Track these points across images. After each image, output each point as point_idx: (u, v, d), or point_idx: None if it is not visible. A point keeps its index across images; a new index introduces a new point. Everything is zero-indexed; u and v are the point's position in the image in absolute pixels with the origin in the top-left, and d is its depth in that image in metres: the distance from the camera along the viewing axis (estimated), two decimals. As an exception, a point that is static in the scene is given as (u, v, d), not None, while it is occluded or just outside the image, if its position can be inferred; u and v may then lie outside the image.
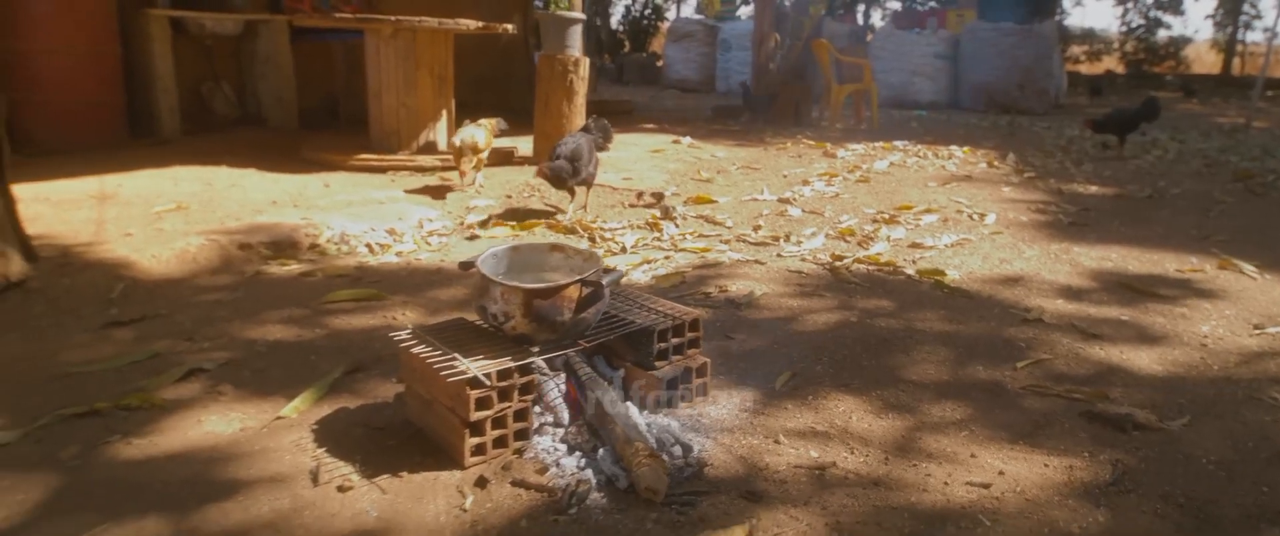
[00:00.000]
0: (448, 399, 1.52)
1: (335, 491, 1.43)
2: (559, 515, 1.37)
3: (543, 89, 4.84)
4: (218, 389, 1.81)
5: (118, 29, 5.09)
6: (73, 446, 1.56)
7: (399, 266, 2.81)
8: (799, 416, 1.76)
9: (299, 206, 3.41)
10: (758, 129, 6.90)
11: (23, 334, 2.12)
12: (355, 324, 2.24)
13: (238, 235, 2.90)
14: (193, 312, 2.30)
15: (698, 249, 3.08)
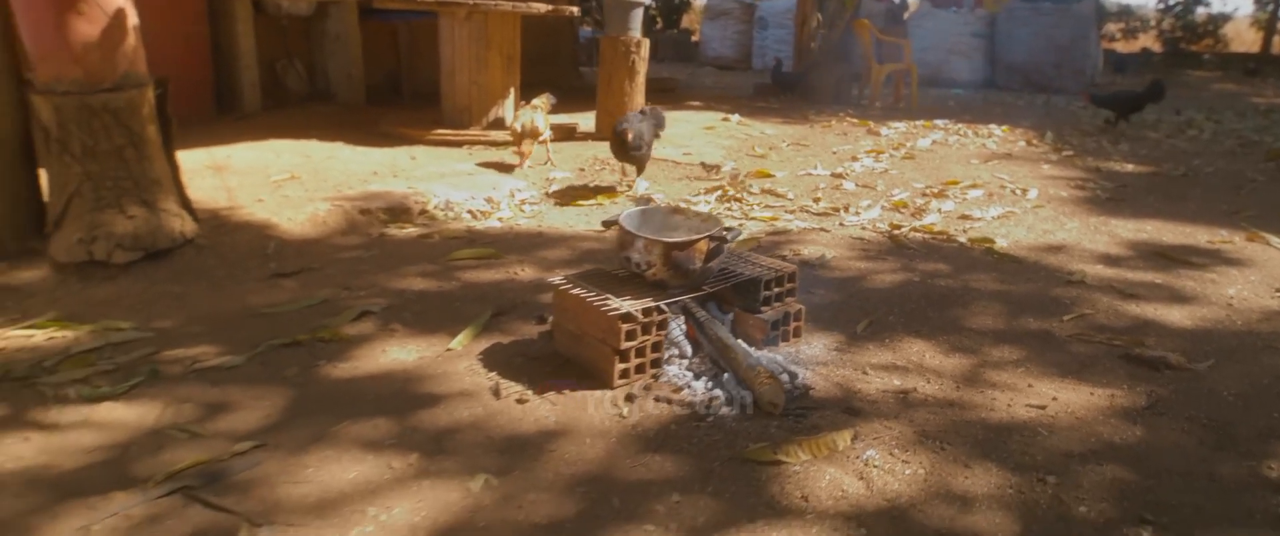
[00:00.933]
0: (599, 331, 1.86)
1: (515, 403, 1.78)
2: (699, 421, 1.72)
3: (606, 69, 5.16)
4: (389, 327, 2.17)
5: (206, 11, 5.45)
6: (292, 368, 1.92)
7: (503, 231, 3.15)
8: (879, 355, 2.09)
9: (398, 177, 3.77)
10: (800, 107, 7.16)
11: (209, 282, 2.49)
12: (483, 278, 2.59)
13: (357, 201, 3.26)
14: (340, 267, 2.66)
15: (767, 218, 3.39)
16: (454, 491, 1.45)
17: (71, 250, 2.47)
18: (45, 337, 2.06)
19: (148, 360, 1.94)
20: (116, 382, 1.81)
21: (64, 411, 1.69)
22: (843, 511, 1.43)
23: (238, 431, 1.64)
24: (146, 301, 2.33)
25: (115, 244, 2.48)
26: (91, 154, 2.51)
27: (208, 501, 1.39)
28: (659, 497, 1.45)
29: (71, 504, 1.39)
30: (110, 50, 2.54)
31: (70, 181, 2.52)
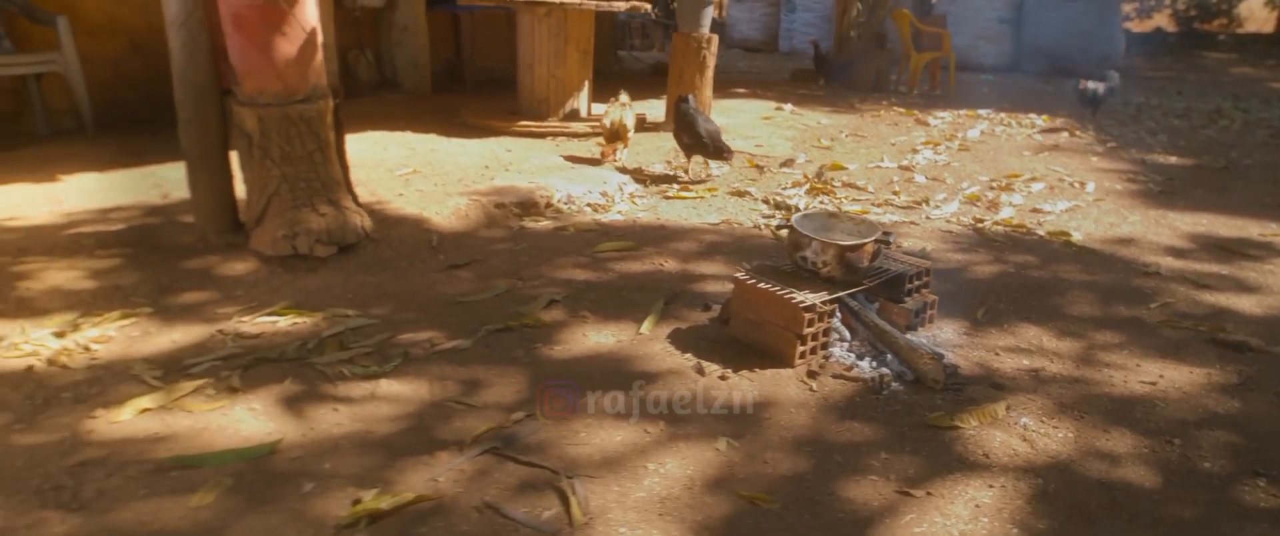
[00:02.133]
0: (782, 319, 2.20)
1: (718, 379, 2.13)
2: (876, 394, 2.07)
3: (677, 63, 5.46)
4: (579, 314, 2.51)
5: (295, 6, 5.73)
6: (517, 350, 2.27)
7: (626, 223, 3.48)
8: (1002, 338, 2.44)
9: (510, 170, 4.09)
10: (844, 95, 7.46)
11: (394, 272, 2.83)
12: (632, 268, 2.93)
13: (490, 196, 3.58)
14: (500, 258, 3.00)
15: (858, 212, 3.73)
16: (706, 451, 1.80)
17: (277, 244, 2.81)
18: (289, 323, 2.40)
19: (389, 343, 2.28)
20: (378, 363, 2.15)
21: (351, 387, 2.04)
22: (1018, 465, 1.79)
23: (502, 403, 1.99)
24: (351, 290, 2.67)
25: (315, 239, 2.82)
26: (288, 158, 2.83)
27: (519, 459, 1.74)
28: (870, 454, 1.81)
29: (407, 461, 1.74)
30: (305, 66, 2.85)
31: (269, 183, 2.84)
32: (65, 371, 2.09)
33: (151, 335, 2.31)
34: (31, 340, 2.23)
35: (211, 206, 2.94)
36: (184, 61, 2.77)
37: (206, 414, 1.90)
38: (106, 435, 1.81)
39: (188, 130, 2.84)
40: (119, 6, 5.11)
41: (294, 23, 2.75)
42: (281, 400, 1.97)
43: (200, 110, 2.83)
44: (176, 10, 2.71)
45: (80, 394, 1.98)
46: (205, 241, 2.93)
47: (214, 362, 2.14)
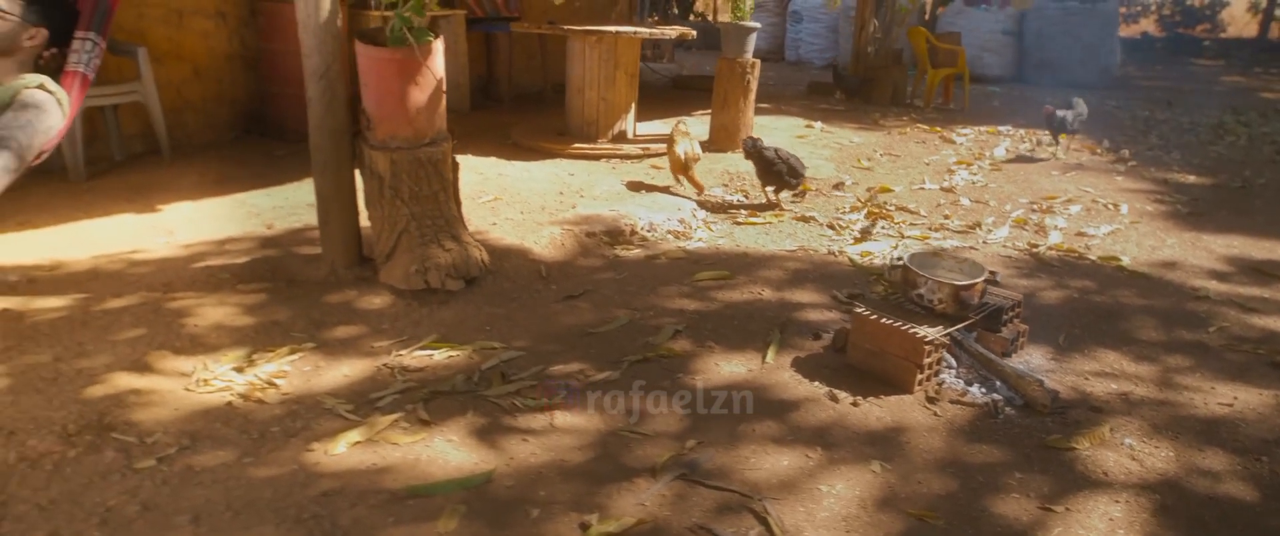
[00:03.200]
0: (902, 350, 2.46)
1: (851, 405, 2.39)
2: (992, 418, 2.34)
3: (722, 87, 5.71)
4: (705, 344, 2.76)
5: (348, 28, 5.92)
6: (662, 380, 2.51)
7: (710, 251, 3.73)
8: (1086, 363, 2.72)
9: (583, 196, 4.32)
10: (864, 110, 7.75)
11: (519, 304, 3.06)
12: (734, 298, 3.18)
13: (578, 225, 3.82)
14: (609, 289, 3.24)
15: (919, 236, 4.00)
16: (865, 473, 2.06)
17: (409, 279, 3.03)
18: (444, 356, 2.62)
19: (543, 375, 2.52)
20: (541, 395, 2.39)
21: (530, 419, 2.27)
22: (1135, 483, 2.06)
23: (669, 431, 2.23)
24: (485, 322, 2.90)
25: (445, 274, 3.04)
26: (416, 197, 3.05)
27: (709, 484, 1.99)
28: (1005, 474, 2.07)
29: (609, 487, 1.98)
30: (433, 112, 3.07)
31: (399, 221, 3.06)
32: (262, 406, 2.30)
33: (322, 369, 2.52)
34: (217, 375, 2.44)
35: (341, 242, 3.15)
36: (322, 109, 2.98)
37: (412, 446, 2.13)
38: (331, 467, 2.03)
39: (323, 172, 3.05)
40: (182, 34, 5.28)
41: (427, 73, 2.97)
42: (473, 432, 2.20)
43: (335, 154, 3.04)
44: (317, 62, 2.93)
45: (287, 428, 2.20)
46: (336, 275, 3.14)
47: (395, 396, 2.36)
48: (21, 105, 2.02)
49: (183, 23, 5.26)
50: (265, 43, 5.59)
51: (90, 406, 2.22)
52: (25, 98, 2.05)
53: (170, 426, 2.17)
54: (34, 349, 2.53)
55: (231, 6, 5.51)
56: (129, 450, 2.06)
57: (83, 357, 2.48)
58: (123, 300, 2.91)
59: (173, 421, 2.20)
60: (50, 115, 2.08)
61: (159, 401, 2.29)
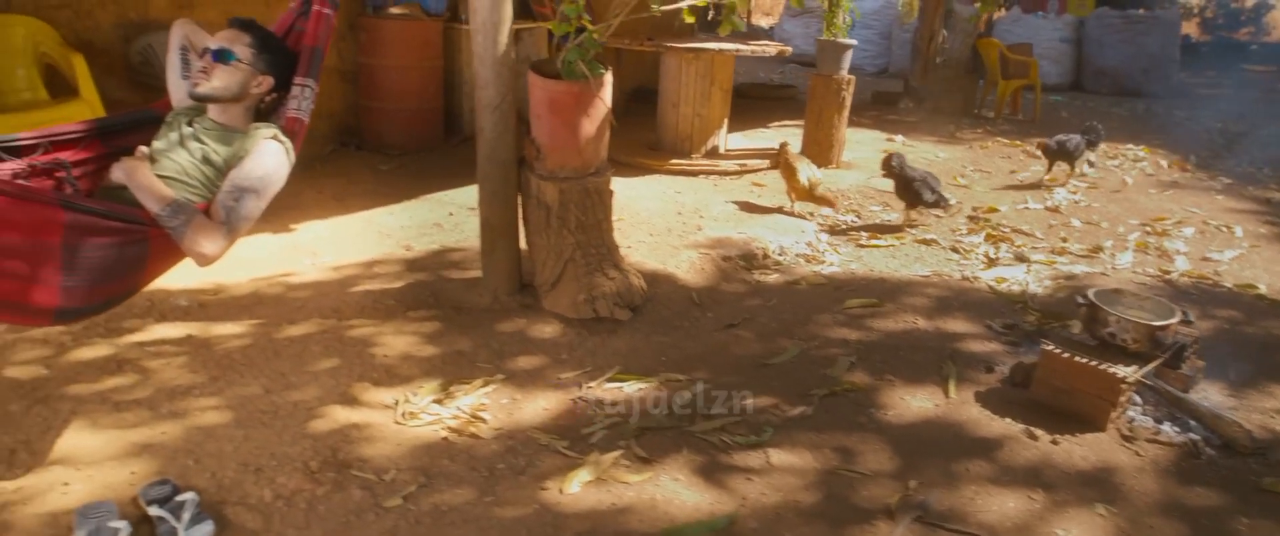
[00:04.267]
0: (1095, 388, 2.49)
1: (1050, 444, 2.42)
2: (1194, 458, 2.36)
3: (816, 103, 5.74)
4: (883, 377, 2.80)
5: (443, 46, 5.98)
6: (856, 416, 2.55)
7: (846, 276, 3.76)
8: (1263, 399, 2.74)
9: (702, 217, 4.37)
10: (937, 122, 7.75)
11: (683, 333, 3.10)
12: (889, 326, 3.21)
13: (712, 249, 3.86)
14: (765, 316, 3.28)
15: (1045, 261, 4.02)
16: (1093, 516, 2.09)
17: (578, 308, 3.08)
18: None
19: (738, 409, 2.56)
20: (751, 432, 2.43)
21: (745, 457, 2.32)
22: (1363, 530, 2.08)
23: (884, 470, 2.27)
24: (657, 351, 2.94)
25: (612, 303, 3.09)
26: (582, 226, 3.11)
27: (948, 526, 2.03)
28: (1232, 519, 2.10)
29: (851, 529, 2.02)
30: (600, 143, 3.12)
31: (565, 250, 3.11)
32: (479, 441, 2.36)
33: (520, 402, 2.58)
34: (421, 407, 2.50)
35: (505, 270, 3.21)
36: (493, 140, 3.04)
37: (642, 485, 2.18)
38: (573, 507, 2.08)
39: (492, 201, 3.11)
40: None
41: (599, 104, 3.02)
42: (695, 470, 2.25)
43: (504, 184, 3.10)
44: (492, 94, 2.98)
45: (512, 465, 2.25)
46: (499, 302, 3.20)
47: (604, 432, 2.41)
48: (258, 159, 2.08)
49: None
50: (365, 57, 5.65)
51: (321, 442, 2.29)
52: (262, 149, 2.11)
53: (400, 462, 2.23)
54: (240, 380, 2.60)
55: (332, 22, 5.56)
56: (372, 488, 2.12)
57: (292, 390, 2.55)
58: (301, 327, 2.97)
59: (400, 456, 2.26)
60: (281, 168, 2.13)
61: (378, 435, 2.35)
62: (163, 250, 1.92)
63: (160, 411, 2.40)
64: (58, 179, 2.03)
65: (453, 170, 5.18)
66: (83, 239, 1.73)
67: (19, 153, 1.98)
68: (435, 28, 5.87)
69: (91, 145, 2.13)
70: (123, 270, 1.83)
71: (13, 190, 1.62)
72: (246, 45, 2.19)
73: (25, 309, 1.71)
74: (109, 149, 2.16)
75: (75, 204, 1.73)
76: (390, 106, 5.72)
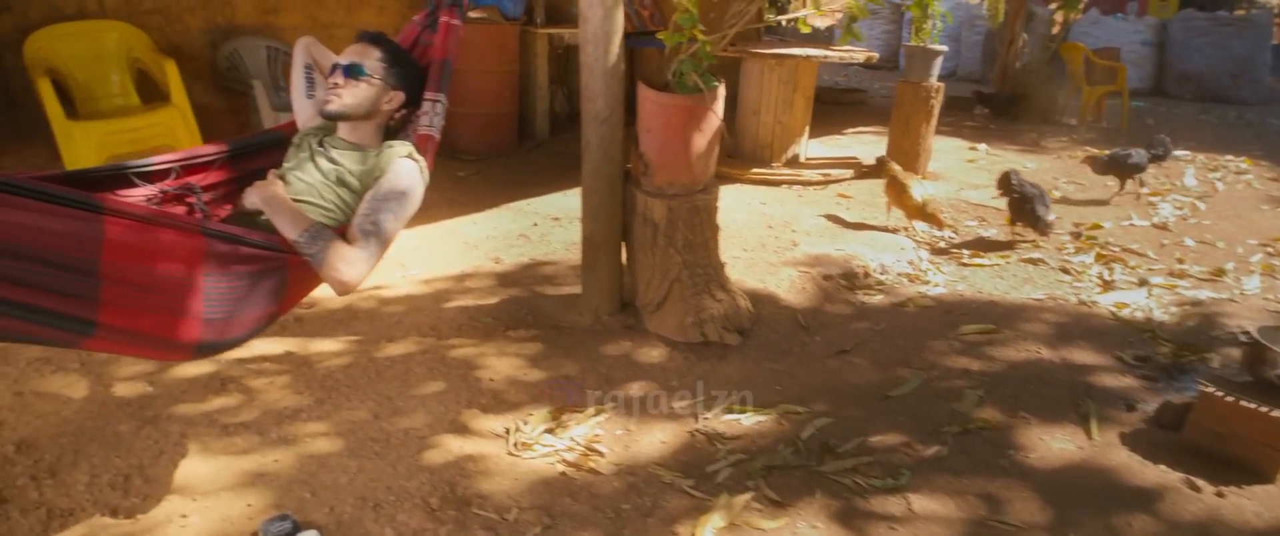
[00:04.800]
0: (1261, 436, 2.29)
1: (1215, 496, 2.22)
2: (1385, 521, 2.15)
3: (903, 111, 5.53)
4: (1016, 414, 2.61)
5: (518, 49, 5.90)
6: (995, 458, 2.37)
7: (953, 297, 3.57)
8: None
9: (794, 231, 4.21)
10: (1018, 129, 7.46)
11: (795, 359, 2.95)
12: (1010, 355, 3.02)
13: (810, 267, 3.70)
14: (876, 342, 3.11)
15: (1166, 285, 3.78)
16: (1286, 587, 1.90)
17: (685, 330, 2.94)
18: (752, 421, 2.53)
19: (865, 448, 2.41)
20: (885, 474, 2.28)
21: (884, 503, 2.16)
22: None
23: (1035, 522, 2.10)
24: (770, 380, 2.80)
25: (722, 326, 2.95)
26: (689, 245, 2.97)
27: (1125, 594, 1.85)
28: None
29: (1015, 592, 1.86)
30: (709, 158, 2.99)
31: (671, 269, 2.98)
32: (598, 477, 2.24)
33: (635, 434, 2.45)
34: (533, 437, 2.39)
35: (607, 289, 3.09)
36: (600, 155, 2.92)
37: (777, 532, 2.04)
38: (710, 555, 1.95)
39: (596, 217, 2.99)
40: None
41: (711, 118, 2.88)
42: (832, 516, 2.10)
43: (610, 200, 2.98)
44: (601, 107, 2.86)
45: (638, 506, 2.13)
46: (600, 322, 3.08)
47: (729, 470, 2.28)
48: (394, 180, 1.97)
49: (366, 42, 5.28)
50: (440, 61, 5.58)
51: (437, 475, 2.19)
52: (398, 168, 2.01)
53: (520, 499, 2.13)
54: (346, 403, 2.52)
55: (409, 25, 5.51)
56: (496, 529, 2.01)
57: (400, 415, 2.46)
58: (400, 345, 2.89)
59: (520, 493, 2.15)
60: (417, 188, 2.03)
61: (494, 469, 2.25)
62: (300, 278, 1.83)
63: (269, 436, 2.33)
64: (189, 204, 1.95)
65: (530, 177, 5.09)
66: (223, 268, 1.64)
67: (150, 178, 1.91)
68: (512, 32, 5.78)
69: (222, 169, 2.05)
70: (261, 299, 1.74)
71: (155, 217, 1.53)
72: (377, 59, 2.09)
73: (167, 344, 1.63)
74: (239, 173, 2.09)
75: (215, 230, 1.64)
76: (467, 111, 5.64)
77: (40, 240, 1.38)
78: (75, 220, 1.41)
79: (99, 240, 1.44)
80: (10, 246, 1.35)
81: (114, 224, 1.48)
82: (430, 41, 2.32)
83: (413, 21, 2.39)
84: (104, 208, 1.44)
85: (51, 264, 1.40)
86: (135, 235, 1.50)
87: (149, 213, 1.51)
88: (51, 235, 1.40)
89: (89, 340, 1.56)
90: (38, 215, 1.38)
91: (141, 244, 1.51)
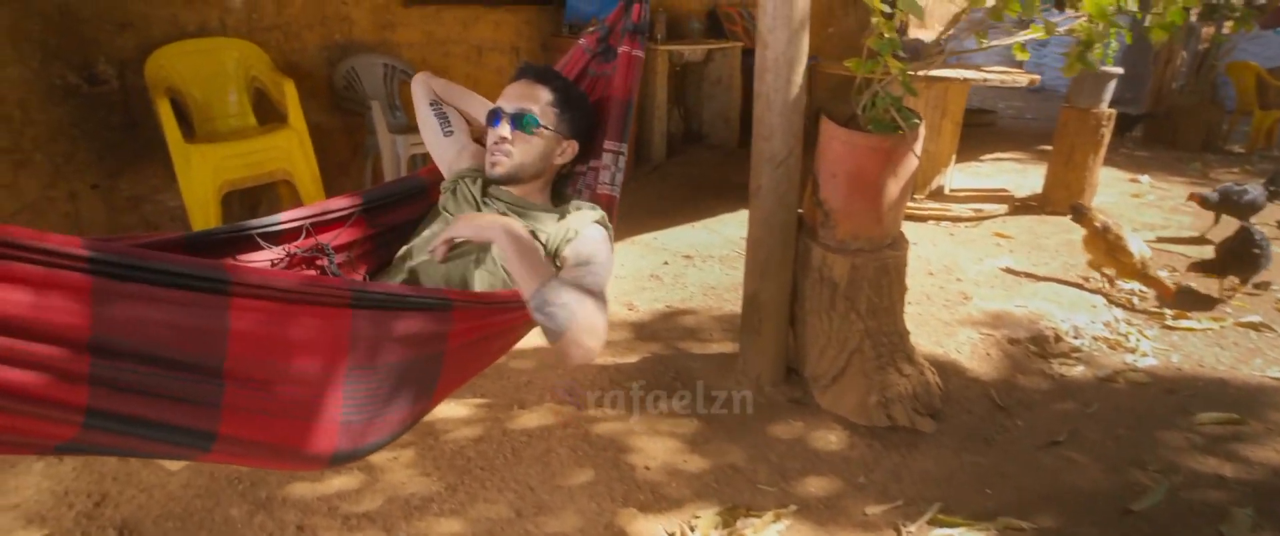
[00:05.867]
0: None
1: None
2: None
3: (1067, 140, 4.92)
4: (1312, 547, 2.06)
5: (638, 66, 5.54)
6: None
7: (1169, 371, 3.00)
8: None
9: (962, 282, 3.69)
10: (1176, 157, 6.71)
11: (996, 450, 2.46)
12: (1270, 457, 2.46)
13: (991, 328, 3.19)
14: (1090, 430, 2.58)
15: None
16: None
17: (868, 412, 2.49)
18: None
19: (1125, 587, 1.91)
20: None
21: None
22: None
23: None
24: (974, 478, 2.31)
25: (911, 407, 2.48)
26: (873, 310, 2.51)
27: None
28: None
29: None
30: (901, 208, 2.53)
31: (852, 338, 2.53)
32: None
33: (827, 549, 2.01)
34: (706, 549, 1.97)
35: (772, 355, 2.66)
36: (773, 202, 2.49)
37: None
38: None
39: (764, 274, 2.57)
40: (480, 71, 5.04)
41: (909, 162, 2.42)
42: None
43: (783, 254, 2.55)
44: (778, 147, 2.44)
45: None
46: (763, 395, 2.65)
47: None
48: (593, 248, 1.59)
49: (481, 59, 5.03)
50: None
51: (601, 602, 1.79)
52: (592, 235, 1.63)
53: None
54: (483, 492, 2.16)
55: (524, 42, 5.24)
56: None
57: (546, 514, 2.08)
58: (534, 414, 2.52)
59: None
60: (610, 263, 1.64)
61: (664, 592, 1.84)
62: (458, 364, 1.46)
63: (398, 534, 1.98)
64: (319, 267, 1.61)
65: (653, 206, 4.72)
66: (370, 357, 1.27)
67: (277, 238, 1.57)
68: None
69: (356, 225, 1.71)
70: (409, 395, 1.37)
71: (292, 293, 1.16)
72: (547, 103, 1.72)
73: (297, 454, 1.28)
74: (376, 229, 1.74)
75: (369, 294, 1.26)
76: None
77: (156, 335, 1.04)
78: (199, 307, 1.06)
79: (224, 331, 1.09)
80: (123, 346, 1.01)
81: (242, 309, 1.12)
82: (602, 74, 1.95)
83: (578, 47, 2.01)
84: (231, 286, 1.09)
85: (168, 364, 1.07)
86: (267, 321, 1.14)
87: (285, 287, 1.15)
88: (169, 329, 1.06)
89: (206, 455, 1.22)
90: (155, 305, 1.04)
91: (274, 332, 1.16)
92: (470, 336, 1.40)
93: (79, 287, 0.96)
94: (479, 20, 4.92)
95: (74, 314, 0.96)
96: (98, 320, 0.98)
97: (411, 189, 1.83)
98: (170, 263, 1.07)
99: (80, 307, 0.97)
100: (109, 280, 0.98)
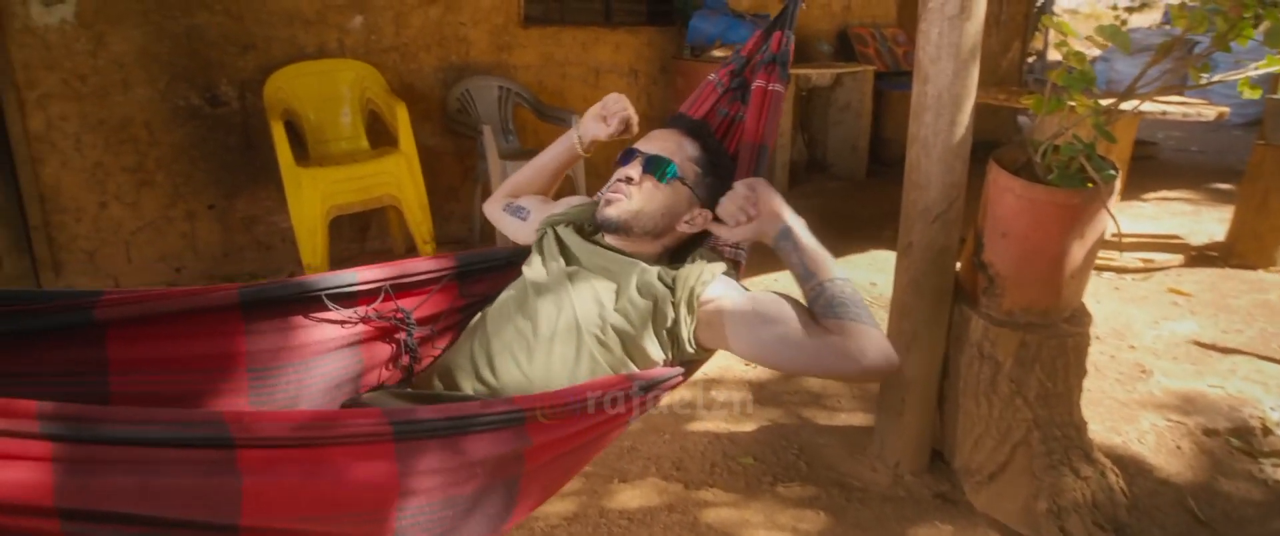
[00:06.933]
0: None
1: None
2: None
3: (1262, 184, 4.26)
4: None
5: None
6: None
7: None
8: None
9: (1135, 350, 3.16)
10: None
11: (1206, 583, 1.98)
12: None
13: (1180, 413, 2.68)
14: (1324, 561, 2.07)
15: None
16: None
17: (1037, 522, 2.07)
18: None
19: None
20: None
21: None
22: None
23: None
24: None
25: (1090, 520, 2.05)
26: (1045, 397, 2.09)
27: None
28: None
29: None
30: (1085, 276, 2.11)
31: (1016, 428, 2.12)
32: None
33: None
34: None
35: (915, 440, 2.27)
36: (926, 263, 2.12)
37: None
38: None
39: (911, 345, 2.19)
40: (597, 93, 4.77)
41: (1098, 222, 2.00)
42: None
43: (935, 324, 2.17)
44: (936, 198, 2.06)
45: None
46: (902, 484, 2.27)
47: None
48: (766, 308, 1.29)
49: (598, 81, 4.83)
50: (673, 106, 5.02)
51: None
52: (738, 295, 1.33)
53: None
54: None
55: (644, 64, 5.01)
56: None
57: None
58: (638, 492, 2.23)
59: None
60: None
61: None
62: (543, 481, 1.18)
63: (477, 635, 1.72)
64: (398, 341, 1.37)
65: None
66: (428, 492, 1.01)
67: (351, 300, 1.34)
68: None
69: (444, 294, 1.46)
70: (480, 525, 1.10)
71: (322, 435, 0.91)
72: (692, 159, 1.44)
73: None
74: (466, 299, 1.49)
75: (416, 424, 0.98)
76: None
77: (157, 504, 0.81)
78: (198, 464, 0.83)
79: (236, 489, 0.85)
80: (97, 513, 0.79)
81: (253, 460, 0.87)
82: (733, 115, 1.65)
83: (709, 83, 1.72)
84: (236, 441, 0.85)
85: (170, 525, 0.83)
86: (287, 471, 0.89)
87: (302, 434, 0.89)
88: (172, 494, 0.83)
89: None
90: (137, 468, 0.81)
91: (298, 484, 0.90)
92: (552, 453, 1.12)
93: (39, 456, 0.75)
94: (598, 41, 4.73)
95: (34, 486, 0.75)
96: (61, 491, 0.76)
97: (499, 261, 1.56)
98: (155, 421, 0.85)
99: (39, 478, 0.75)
100: (71, 444, 0.77)
